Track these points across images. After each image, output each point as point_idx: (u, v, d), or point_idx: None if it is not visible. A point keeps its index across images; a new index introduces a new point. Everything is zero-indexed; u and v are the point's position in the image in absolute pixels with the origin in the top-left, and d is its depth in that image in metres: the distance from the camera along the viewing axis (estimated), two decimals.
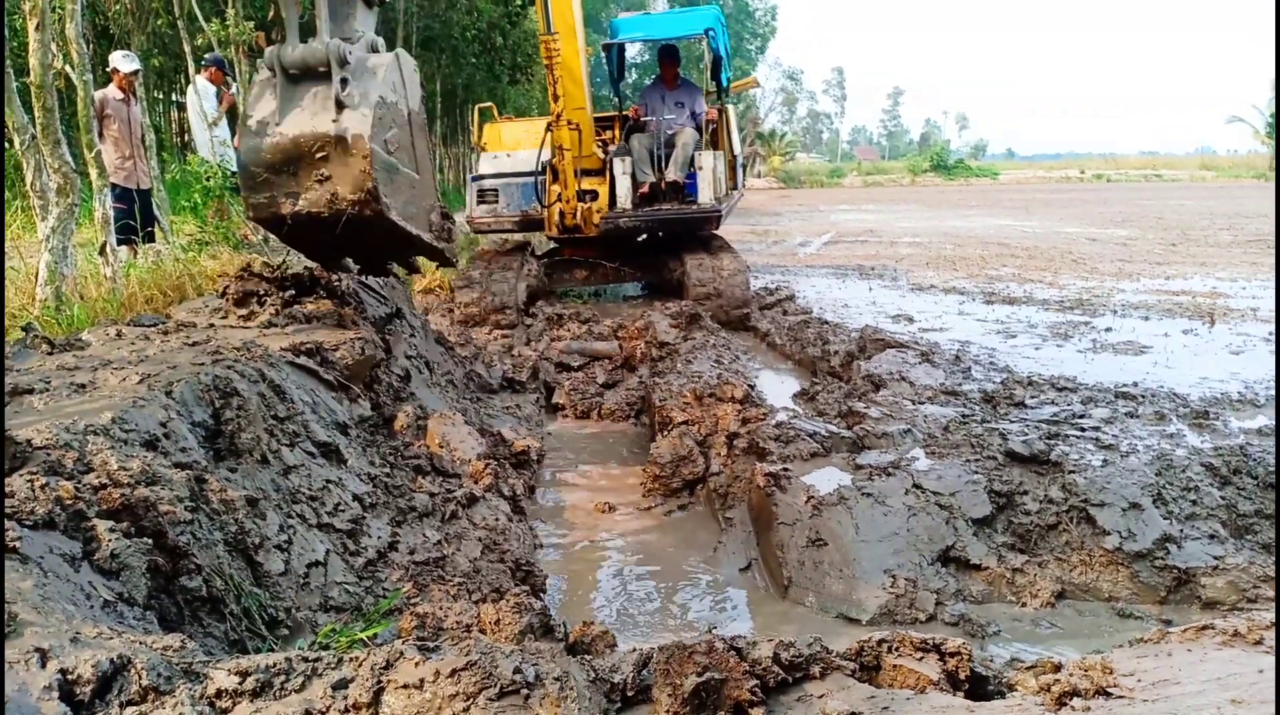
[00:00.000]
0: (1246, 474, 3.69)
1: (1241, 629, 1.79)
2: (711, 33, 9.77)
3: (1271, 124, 59.18)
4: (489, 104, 11.83)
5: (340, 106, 3.62)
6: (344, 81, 3.63)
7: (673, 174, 9.33)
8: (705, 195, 9.28)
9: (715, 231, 10.07)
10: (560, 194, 9.19)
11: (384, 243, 4.18)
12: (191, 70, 10.75)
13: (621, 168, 9.25)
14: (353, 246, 4.28)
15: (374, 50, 3.93)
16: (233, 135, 10.66)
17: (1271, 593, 3.07)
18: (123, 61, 8.23)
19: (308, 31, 3.83)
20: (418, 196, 4.16)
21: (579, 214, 9.17)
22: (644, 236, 10.19)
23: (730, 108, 10.77)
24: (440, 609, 2.56)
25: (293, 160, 3.69)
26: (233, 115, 10.67)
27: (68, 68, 6.40)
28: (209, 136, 10.02)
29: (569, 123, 8.63)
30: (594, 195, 9.38)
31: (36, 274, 5.54)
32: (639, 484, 4.54)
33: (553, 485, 4.73)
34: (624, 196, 9.24)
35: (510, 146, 10.05)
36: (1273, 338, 7.30)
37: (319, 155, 3.65)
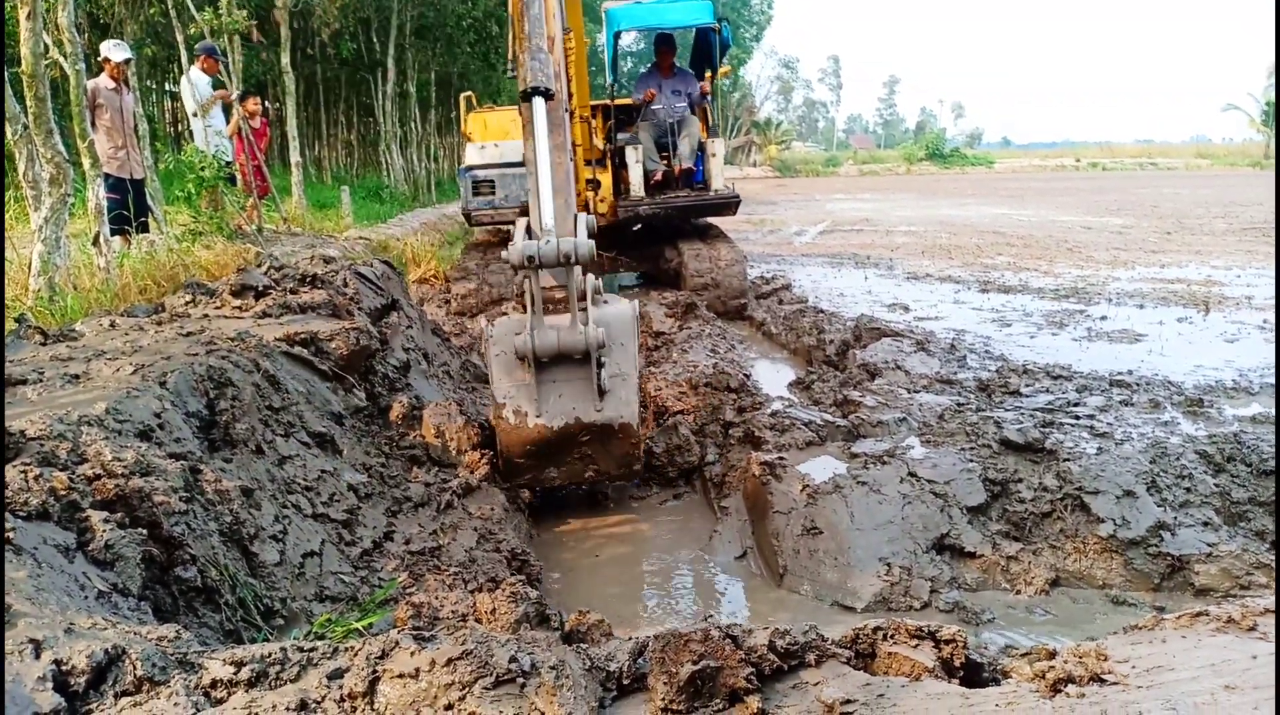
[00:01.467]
0: (1240, 461, 3.70)
1: (1235, 615, 1.80)
2: (726, 23, 9.75)
3: (1266, 111, 59.18)
4: (469, 93, 11.70)
5: (601, 392, 3.56)
6: (600, 363, 3.55)
7: (686, 162, 9.36)
8: (717, 181, 9.32)
9: (712, 219, 10.08)
10: None
11: None
12: (185, 60, 10.70)
13: (634, 156, 9.23)
14: None
15: (596, 293, 3.81)
16: (227, 123, 10.61)
17: (1264, 580, 3.08)
18: (114, 50, 8.17)
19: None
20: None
21: (589, 205, 9.16)
22: (639, 226, 10.17)
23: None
24: (436, 598, 2.56)
25: (555, 448, 3.65)
26: (226, 107, 10.61)
27: (60, 57, 6.36)
28: (203, 126, 9.97)
29: (581, 118, 8.59)
30: (596, 184, 9.36)
31: (30, 265, 5.51)
32: None
33: None
34: (637, 184, 9.23)
35: (497, 136, 9.97)
36: (1266, 325, 7.31)
37: (583, 439, 3.63)
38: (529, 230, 3.81)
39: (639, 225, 10.13)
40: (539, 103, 3.84)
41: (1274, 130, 53.67)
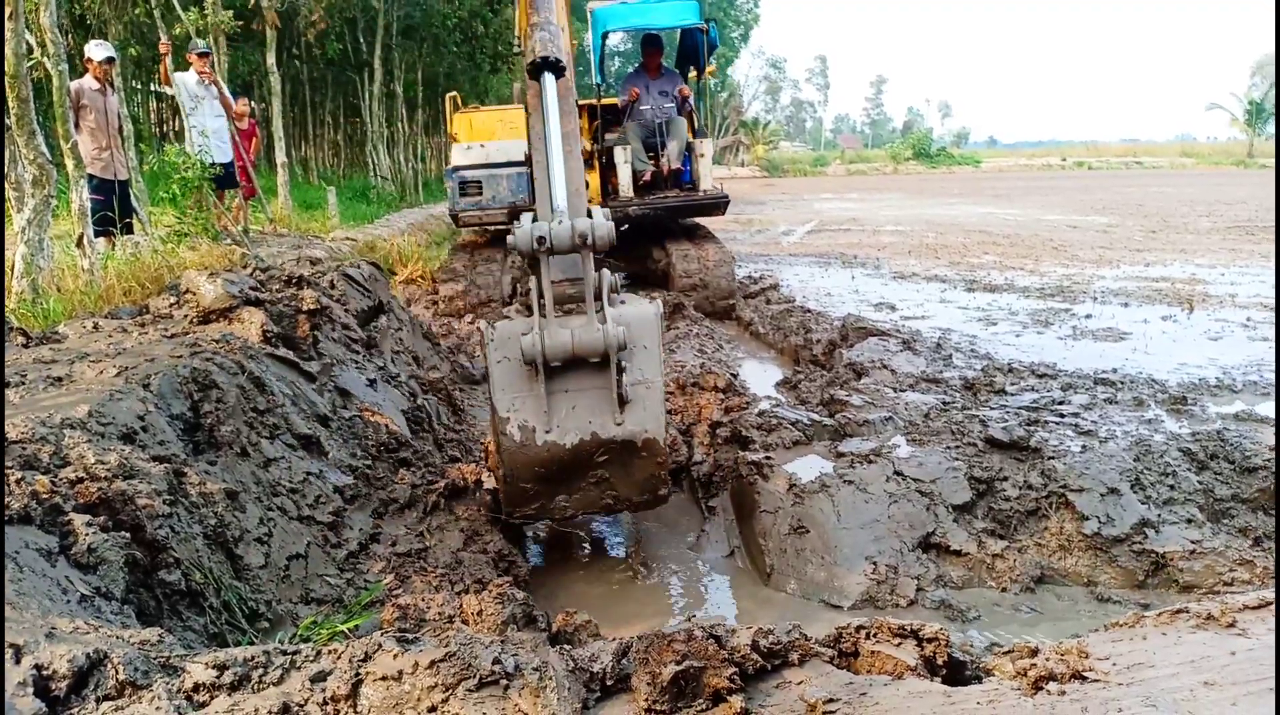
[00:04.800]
0: (1224, 459, 3.72)
1: (1215, 612, 1.81)
2: (712, 23, 9.74)
3: (1249, 111, 59.66)
4: (454, 94, 11.66)
5: (623, 402, 3.02)
6: (620, 368, 3.00)
7: (674, 162, 9.36)
8: (706, 182, 9.32)
9: (700, 219, 10.09)
10: None
11: None
12: (169, 63, 10.63)
13: (623, 156, 9.21)
14: None
15: (613, 291, 3.27)
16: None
17: (1248, 576, 3.10)
18: (95, 50, 8.11)
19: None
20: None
21: None
22: (625, 226, 10.15)
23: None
24: (422, 600, 2.55)
25: (567, 470, 3.12)
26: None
27: (43, 58, 6.32)
28: (188, 126, 9.91)
29: None
30: (584, 185, 9.34)
31: (12, 266, 5.48)
32: None
33: None
34: (626, 185, 9.21)
35: (484, 136, 9.93)
36: (1250, 323, 7.37)
37: (600, 459, 3.10)
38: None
39: (625, 226, 10.12)
40: (549, 79, 3.42)
41: (1275, 126, 54.09)
